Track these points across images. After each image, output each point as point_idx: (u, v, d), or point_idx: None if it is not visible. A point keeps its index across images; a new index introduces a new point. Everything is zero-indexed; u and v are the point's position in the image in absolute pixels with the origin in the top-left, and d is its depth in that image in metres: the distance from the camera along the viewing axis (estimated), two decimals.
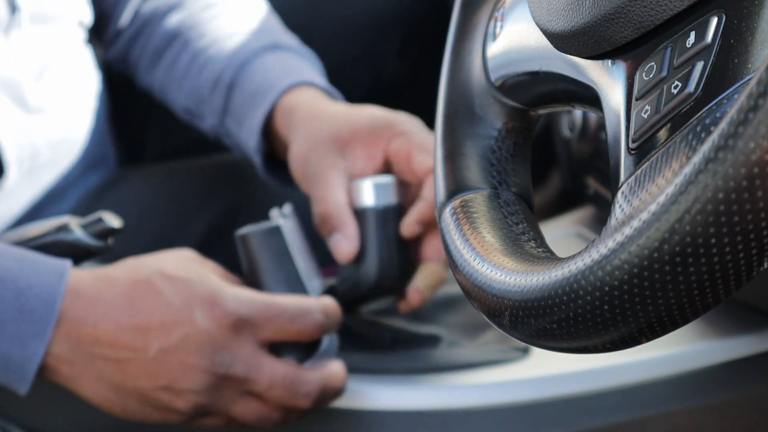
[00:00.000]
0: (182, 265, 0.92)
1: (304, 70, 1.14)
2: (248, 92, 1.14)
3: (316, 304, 0.93)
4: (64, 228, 0.94)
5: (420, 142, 1.01)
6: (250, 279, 0.97)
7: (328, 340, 0.95)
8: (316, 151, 1.04)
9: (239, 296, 0.90)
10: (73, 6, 1.20)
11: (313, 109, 1.08)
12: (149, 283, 0.90)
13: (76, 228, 0.94)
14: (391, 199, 1.01)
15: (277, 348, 0.93)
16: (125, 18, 1.26)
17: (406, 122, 1.04)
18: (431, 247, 1.01)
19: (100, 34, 1.30)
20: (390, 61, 1.47)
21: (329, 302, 0.95)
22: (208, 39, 1.21)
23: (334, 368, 0.94)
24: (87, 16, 1.23)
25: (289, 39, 1.21)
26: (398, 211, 1.02)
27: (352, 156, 1.03)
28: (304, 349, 0.94)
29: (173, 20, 1.24)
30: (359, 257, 1.01)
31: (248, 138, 1.13)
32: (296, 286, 0.97)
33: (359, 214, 1.01)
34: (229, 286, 0.91)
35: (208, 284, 0.90)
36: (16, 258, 0.90)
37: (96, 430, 0.96)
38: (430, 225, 1.01)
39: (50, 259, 0.91)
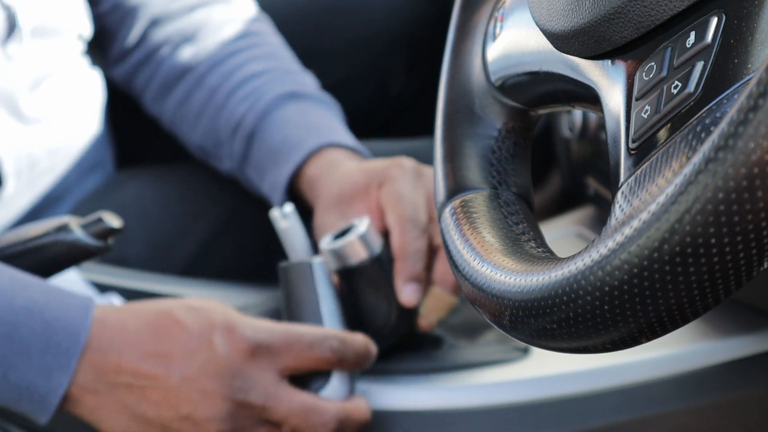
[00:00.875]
0: (203, 299, 0.95)
1: (326, 126, 1.15)
2: (270, 146, 1.15)
3: (332, 332, 0.94)
4: (64, 228, 0.94)
5: (397, 191, 1.01)
6: (289, 312, 0.98)
7: (347, 374, 0.95)
8: (322, 215, 1.07)
9: (257, 324, 0.92)
10: (73, 20, 1.20)
11: (332, 172, 1.09)
12: (171, 313, 0.92)
13: (76, 228, 0.94)
14: (376, 244, 0.99)
15: (297, 380, 0.93)
16: (132, 38, 1.25)
17: (398, 167, 1.03)
18: (435, 272, 1.01)
19: (103, 50, 1.29)
20: (397, 77, 1.47)
21: (349, 334, 0.95)
22: (225, 78, 1.21)
23: (357, 402, 0.94)
24: (87, 30, 1.22)
25: (308, 80, 1.21)
26: (385, 251, 1.00)
27: (352, 213, 1.04)
28: (323, 381, 0.94)
29: (186, 52, 1.23)
30: (370, 312, 1.00)
31: (271, 192, 1.14)
32: (335, 319, 0.97)
33: (354, 271, 0.99)
34: (247, 317, 0.93)
35: (228, 313, 0.92)
36: (43, 291, 0.91)
37: (97, 431, 0.96)
38: (424, 263, 1.00)
39: (75, 293, 0.92)
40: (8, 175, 1.11)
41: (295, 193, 1.13)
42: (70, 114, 1.20)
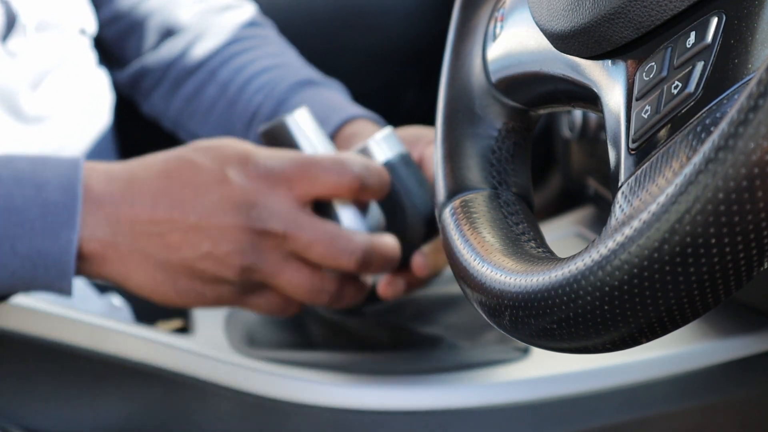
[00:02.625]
0: (215, 138, 0.93)
1: (344, 104, 1.16)
2: None
3: (353, 156, 0.92)
4: None
5: None
6: None
7: (375, 210, 0.93)
8: None
9: (272, 153, 0.91)
10: (74, 14, 1.20)
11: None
12: (181, 157, 0.91)
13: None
14: (399, 146, 0.98)
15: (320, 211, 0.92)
16: (138, 50, 1.27)
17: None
18: None
19: (108, 56, 1.30)
20: (411, 92, 1.48)
21: (368, 160, 0.93)
22: (237, 72, 1.22)
23: (385, 238, 0.92)
24: (90, 25, 1.22)
25: (317, 74, 1.23)
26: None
27: None
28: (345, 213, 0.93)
29: (198, 50, 1.24)
30: (395, 212, 0.97)
31: None
32: None
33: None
34: (262, 148, 0.91)
35: (240, 145, 0.91)
36: (28, 161, 0.90)
37: (96, 430, 0.96)
38: None
39: (60, 157, 0.91)
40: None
41: None
42: (73, 113, 1.20)
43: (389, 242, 0.93)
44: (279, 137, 0.97)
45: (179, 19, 1.25)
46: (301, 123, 0.98)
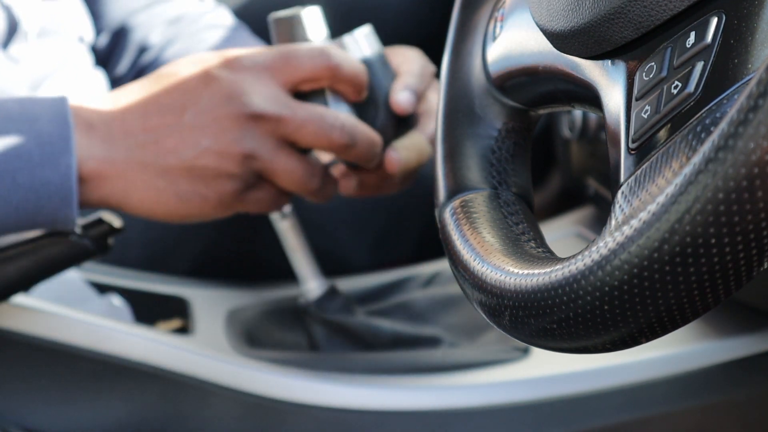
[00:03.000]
0: (204, 53, 0.96)
1: None
2: None
3: (333, 47, 0.95)
4: None
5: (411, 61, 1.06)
6: None
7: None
8: None
9: (251, 51, 0.94)
10: (72, 21, 1.21)
11: None
12: (166, 72, 0.93)
13: (76, 228, 0.94)
14: (377, 46, 1.01)
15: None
16: (121, 68, 1.29)
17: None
18: (421, 123, 1.02)
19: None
20: None
21: (347, 54, 0.96)
22: None
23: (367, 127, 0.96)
24: (88, 33, 1.24)
25: None
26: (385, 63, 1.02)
27: None
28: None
29: (176, 50, 1.27)
30: (368, 108, 0.99)
31: None
32: None
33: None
34: (241, 50, 0.94)
35: (219, 52, 0.94)
36: (15, 101, 0.92)
37: (96, 430, 0.96)
38: (420, 97, 1.01)
39: (46, 96, 0.93)
40: None
41: None
42: None
43: (369, 131, 0.95)
44: (290, 28, 1.00)
45: (154, 39, 1.29)
46: (314, 19, 1.01)
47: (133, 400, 0.96)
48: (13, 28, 1.10)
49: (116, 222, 0.96)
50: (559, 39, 0.62)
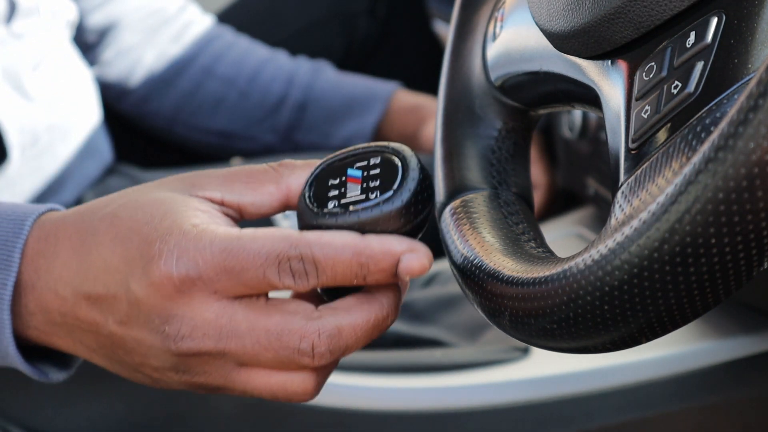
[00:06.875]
0: (140, 208, 0.67)
1: (372, 82, 1.39)
2: (332, 107, 1.38)
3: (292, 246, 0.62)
4: None
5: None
6: None
7: None
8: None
9: (189, 247, 0.63)
10: (60, 4, 1.29)
11: (420, 99, 1.39)
12: (95, 235, 0.67)
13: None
14: None
15: None
16: (135, 80, 1.37)
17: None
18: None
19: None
20: (360, 21, 1.58)
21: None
22: (236, 66, 1.37)
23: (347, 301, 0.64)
24: (72, 14, 1.32)
25: (305, 59, 1.43)
26: None
27: None
28: None
29: (173, 50, 1.36)
30: None
31: (352, 139, 1.35)
32: None
33: None
34: (191, 230, 0.64)
35: (149, 236, 0.65)
36: None
37: (96, 430, 0.96)
38: None
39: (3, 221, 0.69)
40: (13, 147, 1.17)
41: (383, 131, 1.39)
42: (65, 95, 1.28)
43: (357, 312, 0.64)
44: None
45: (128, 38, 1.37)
46: None
47: (133, 400, 0.96)
48: (12, 6, 1.17)
49: None
50: (559, 39, 0.62)
